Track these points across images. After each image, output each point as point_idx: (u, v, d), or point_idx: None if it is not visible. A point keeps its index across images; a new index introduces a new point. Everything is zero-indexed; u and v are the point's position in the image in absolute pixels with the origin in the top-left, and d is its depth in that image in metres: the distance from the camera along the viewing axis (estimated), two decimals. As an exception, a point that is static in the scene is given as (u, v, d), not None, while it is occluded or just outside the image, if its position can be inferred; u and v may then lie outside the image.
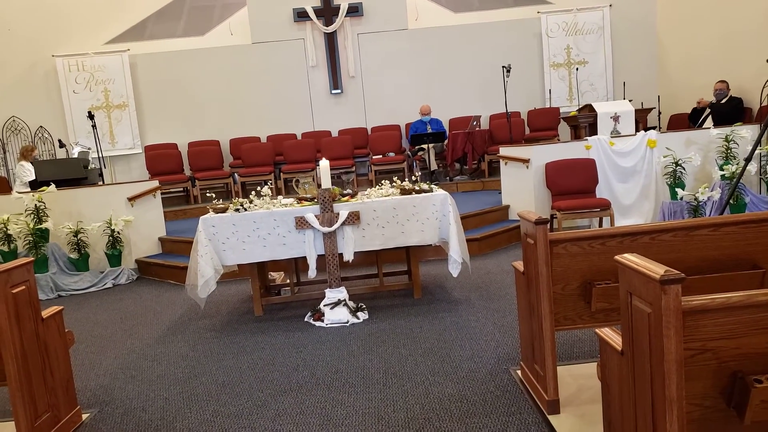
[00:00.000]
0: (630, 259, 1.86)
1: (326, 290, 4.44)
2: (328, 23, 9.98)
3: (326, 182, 4.52)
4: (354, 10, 9.95)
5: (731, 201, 6.04)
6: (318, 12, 9.93)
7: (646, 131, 6.82)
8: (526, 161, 6.67)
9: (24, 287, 2.63)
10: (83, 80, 9.99)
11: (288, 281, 5.15)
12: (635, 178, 6.67)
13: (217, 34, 10.32)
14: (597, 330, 2.20)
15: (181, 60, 10.08)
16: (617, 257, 1.94)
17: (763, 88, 7.25)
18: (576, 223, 6.69)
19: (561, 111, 9.93)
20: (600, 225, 6.55)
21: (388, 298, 4.75)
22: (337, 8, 9.92)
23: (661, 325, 1.67)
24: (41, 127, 9.99)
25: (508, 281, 4.98)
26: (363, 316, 4.30)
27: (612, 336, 2.12)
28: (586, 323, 2.91)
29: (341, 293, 4.40)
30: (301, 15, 9.94)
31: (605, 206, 6.17)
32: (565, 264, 2.76)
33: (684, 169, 6.31)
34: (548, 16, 10.23)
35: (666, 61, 10.23)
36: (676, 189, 6.24)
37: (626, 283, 1.89)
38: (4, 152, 9.82)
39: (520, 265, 3.06)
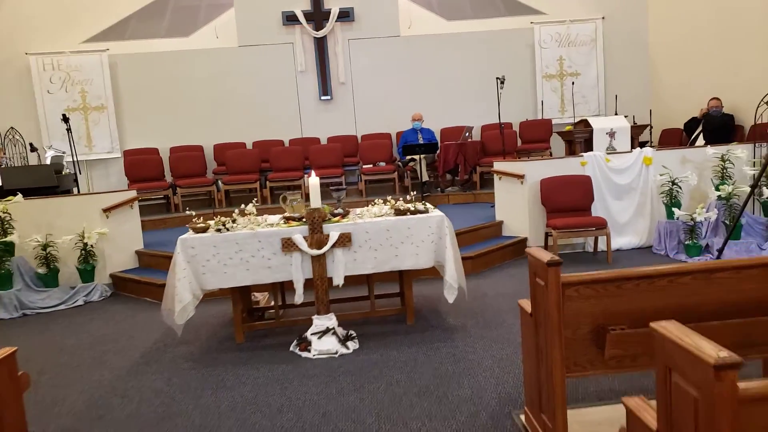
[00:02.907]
0: (672, 332, 1.61)
1: (314, 317, 4.15)
2: (318, 28, 9.69)
3: (316, 200, 4.23)
4: (345, 15, 9.67)
5: (725, 222, 5.90)
6: (308, 16, 9.63)
7: (641, 148, 6.67)
8: (520, 177, 6.45)
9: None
10: (58, 80, 9.57)
11: (272, 303, 4.84)
12: (631, 196, 6.52)
13: (202, 36, 9.97)
14: (624, 400, 1.94)
15: (164, 61, 9.70)
16: (655, 327, 1.68)
17: (758, 106, 7.13)
18: (571, 241, 6.49)
19: (553, 123, 9.77)
20: (595, 244, 6.39)
21: (379, 324, 4.47)
22: (328, 12, 9.63)
23: (712, 415, 1.42)
24: (12, 128, 9.52)
25: (504, 306, 4.73)
26: (353, 345, 4.02)
27: (643, 410, 1.85)
28: (598, 370, 2.67)
29: (330, 320, 4.12)
30: (290, 18, 9.63)
31: (602, 225, 5.98)
32: (577, 307, 2.52)
33: (680, 188, 6.16)
34: (541, 26, 10.07)
35: (658, 76, 10.12)
36: (673, 208, 6.07)
37: (665, 356, 1.63)
38: (-27, 154, 9.34)
39: (526, 304, 2.80)
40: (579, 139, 7.03)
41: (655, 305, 2.49)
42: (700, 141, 7.78)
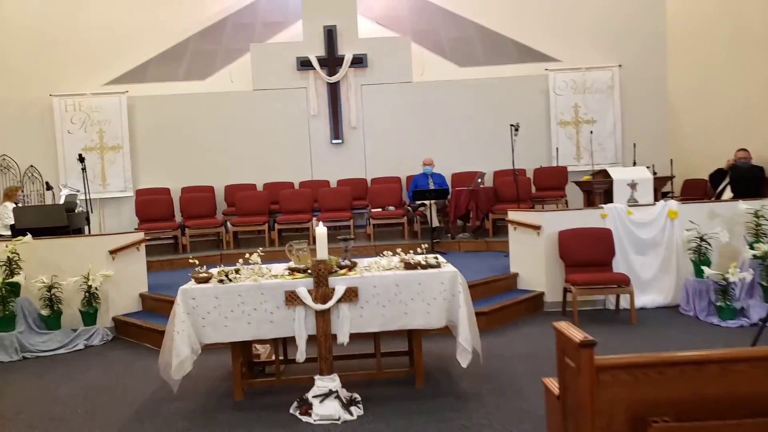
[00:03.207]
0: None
1: (316, 377, 3.92)
2: (331, 73, 9.73)
3: (322, 251, 4.06)
4: (358, 62, 9.73)
5: (762, 283, 5.58)
6: (322, 62, 9.70)
7: (665, 200, 6.44)
8: (537, 228, 6.25)
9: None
10: (79, 120, 9.67)
11: (274, 357, 4.62)
12: (655, 251, 6.24)
13: (218, 80, 10.09)
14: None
15: (180, 103, 9.78)
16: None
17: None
18: (591, 297, 6.21)
19: (568, 170, 9.61)
20: (617, 301, 6.10)
21: (386, 386, 4.21)
22: (341, 59, 9.69)
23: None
24: (32, 166, 9.61)
25: (521, 370, 4.46)
26: (357, 411, 3.77)
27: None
28: (637, 467, 2.39)
29: (333, 381, 3.88)
30: (304, 64, 9.70)
31: (625, 282, 5.71)
32: (613, 394, 2.24)
33: (709, 244, 5.86)
34: (556, 73, 10.03)
35: (678, 124, 9.97)
36: (702, 266, 5.77)
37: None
38: (-10, 191, 9.38)
39: (552, 385, 2.54)
40: (598, 189, 6.83)
41: (704, 394, 2.21)
42: (727, 194, 7.51)
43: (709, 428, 2.13)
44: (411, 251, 4.37)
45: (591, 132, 9.81)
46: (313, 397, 3.79)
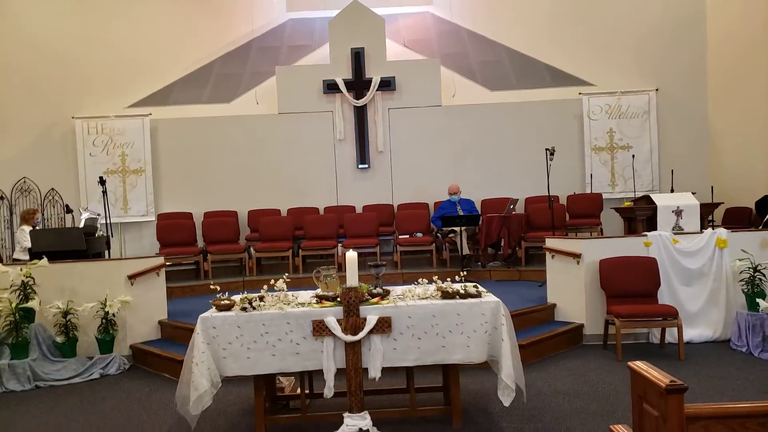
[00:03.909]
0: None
1: (345, 415, 3.59)
2: (358, 96, 9.56)
3: (352, 278, 3.77)
4: (386, 85, 9.55)
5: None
6: (349, 84, 9.54)
7: (713, 228, 6.04)
8: (577, 256, 5.89)
9: None
10: (101, 143, 9.61)
11: (299, 391, 4.30)
12: (702, 282, 5.84)
13: (242, 103, 9.98)
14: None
15: (204, 126, 9.68)
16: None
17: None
18: (634, 330, 5.80)
19: (603, 197, 9.23)
20: (662, 335, 5.68)
21: (420, 425, 3.86)
22: (369, 81, 9.53)
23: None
24: (53, 189, 9.54)
25: (566, 409, 4.07)
26: (390, 454, 3.43)
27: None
28: None
29: (364, 420, 3.55)
30: (331, 87, 9.55)
31: (673, 315, 5.31)
32: (704, 450, 1.91)
33: (764, 275, 5.45)
34: (590, 97, 9.73)
35: (719, 150, 9.55)
36: (757, 299, 5.35)
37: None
38: (11, 214, 9.33)
39: (623, 433, 2.19)
40: (641, 216, 6.46)
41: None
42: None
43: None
44: (448, 279, 4.05)
45: (633, 156, 9.42)
46: (342, 437, 3.46)
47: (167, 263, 6.69)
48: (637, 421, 2.04)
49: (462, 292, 3.79)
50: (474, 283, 3.99)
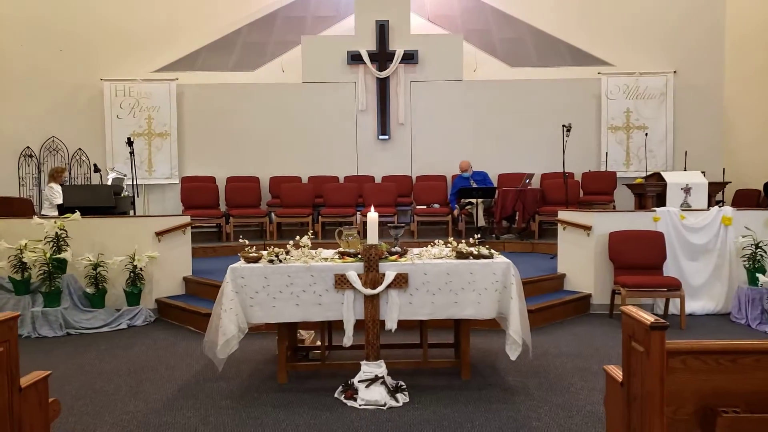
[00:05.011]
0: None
1: (362, 362, 3.86)
2: (381, 68, 9.70)
3: (373, 237, 4.01)
4: (409, 58, 9.67)
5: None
6: (372, 56, 9.68)
7: (719, 207, 6.19)
8: (587, 228, 6.07)
9: (2, 349, 2.13)
10: (128, 106, 9.87)
11: (318, 343, 4.58)
12: (707, 257, 6.02)
13: (268, 71, 10.15)
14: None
15: (229, 93, 9.89)
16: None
17: None
18: (639, 301, 6.00)
19: (617, 176, 9.35)
20: (666, 306, 5.89)
21: (431, 376, 4.13)
22: (392, 54, 9.65)
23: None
24: (80, 149, 9.85)
25: (569, 367, 4.32)
26: (403, 398, 3.69)
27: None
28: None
29: (380, 368, 3.81)
30: (354, 58, 9.69)
31: (676, 286, 5.51)
32: (681, 382, 2.14)
33: (765, 252, 5.63)
34: (609, 77, 9.79)
35: (733, 133, 9.60)
36: (757, 274, 5.54)
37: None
38: (39, 171, 9.67)
39: (615, 372, 2.43)
40: (651, 193, 6.61)
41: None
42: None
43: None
44: (463, 241, 4.27)
45: (646, 135, 9.50)
46: (359, 381, 3.73)
47: (192, 223, 6.97)
48: (626, 359, 2.28)
49: (475, 252, 4.01)
50: (487, 246, 4.20)
